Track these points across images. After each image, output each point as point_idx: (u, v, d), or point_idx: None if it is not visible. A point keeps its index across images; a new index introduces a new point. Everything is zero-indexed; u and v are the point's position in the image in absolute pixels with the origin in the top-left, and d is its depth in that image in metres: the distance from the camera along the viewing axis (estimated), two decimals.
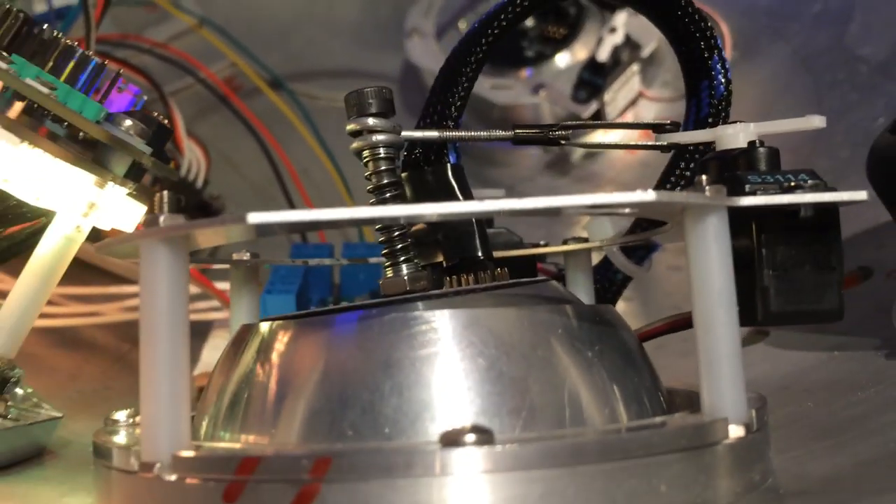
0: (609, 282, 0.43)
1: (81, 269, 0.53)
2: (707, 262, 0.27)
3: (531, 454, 0.23)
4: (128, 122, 0.34)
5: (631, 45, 0.74)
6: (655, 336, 0.38)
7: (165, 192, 0.25)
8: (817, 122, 0.32)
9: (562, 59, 0.76)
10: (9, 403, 0.34)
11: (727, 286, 0.27)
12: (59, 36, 0.35)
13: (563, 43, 0.77)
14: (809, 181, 0.29)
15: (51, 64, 0.34)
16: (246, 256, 0.40)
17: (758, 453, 0.27)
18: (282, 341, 0.29)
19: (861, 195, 0.28)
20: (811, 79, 0.71)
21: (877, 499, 0.25)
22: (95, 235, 0.36)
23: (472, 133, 0.34)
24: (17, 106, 0.35)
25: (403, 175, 0.35)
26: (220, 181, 0.72)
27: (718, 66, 0.37)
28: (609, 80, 0.73)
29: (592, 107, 0.73)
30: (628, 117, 0.76)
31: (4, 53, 0.32)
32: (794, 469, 0.30)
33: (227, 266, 0.39)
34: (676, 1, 0.37)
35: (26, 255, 0.35)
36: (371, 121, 0.31)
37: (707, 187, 0.27)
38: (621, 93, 0.74)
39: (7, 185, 0.30)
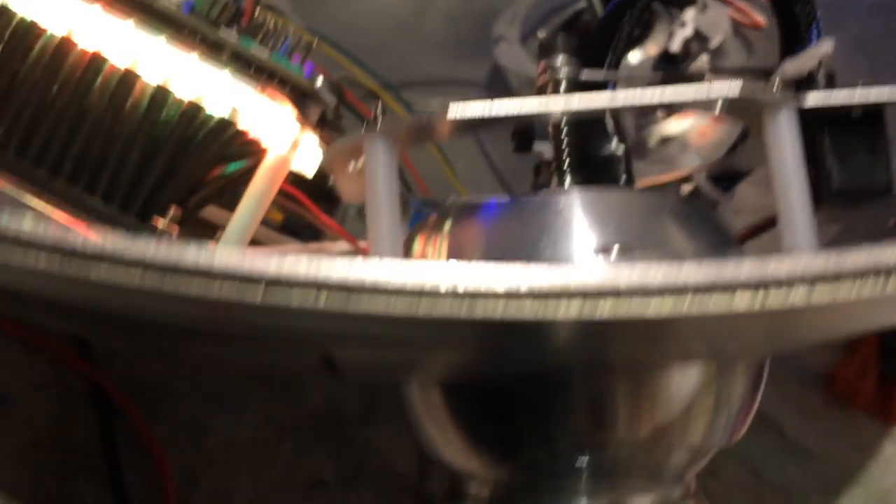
0: None
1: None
2: (782, 145, 0.35)
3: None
4: (321, 78, 0.44)
5: (700, 37, 0.82)
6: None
7: (380, 101, 0.35)
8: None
9: (634, 57, 0.85)
10: None
11: (798, 164, 0.35)
12: (265, 19, 0.45)
13: (637, 41, 0.86)
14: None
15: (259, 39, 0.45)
16: None
17: None
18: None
19: None
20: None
21: None
22: None
23: None
24: None
25: None
26: None
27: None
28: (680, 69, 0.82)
29: None
30: None
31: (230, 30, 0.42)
32: None
33: None
34: None
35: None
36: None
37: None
38: None
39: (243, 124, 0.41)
